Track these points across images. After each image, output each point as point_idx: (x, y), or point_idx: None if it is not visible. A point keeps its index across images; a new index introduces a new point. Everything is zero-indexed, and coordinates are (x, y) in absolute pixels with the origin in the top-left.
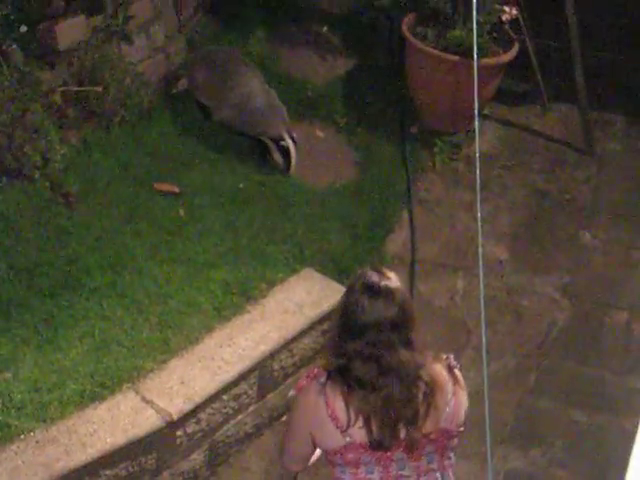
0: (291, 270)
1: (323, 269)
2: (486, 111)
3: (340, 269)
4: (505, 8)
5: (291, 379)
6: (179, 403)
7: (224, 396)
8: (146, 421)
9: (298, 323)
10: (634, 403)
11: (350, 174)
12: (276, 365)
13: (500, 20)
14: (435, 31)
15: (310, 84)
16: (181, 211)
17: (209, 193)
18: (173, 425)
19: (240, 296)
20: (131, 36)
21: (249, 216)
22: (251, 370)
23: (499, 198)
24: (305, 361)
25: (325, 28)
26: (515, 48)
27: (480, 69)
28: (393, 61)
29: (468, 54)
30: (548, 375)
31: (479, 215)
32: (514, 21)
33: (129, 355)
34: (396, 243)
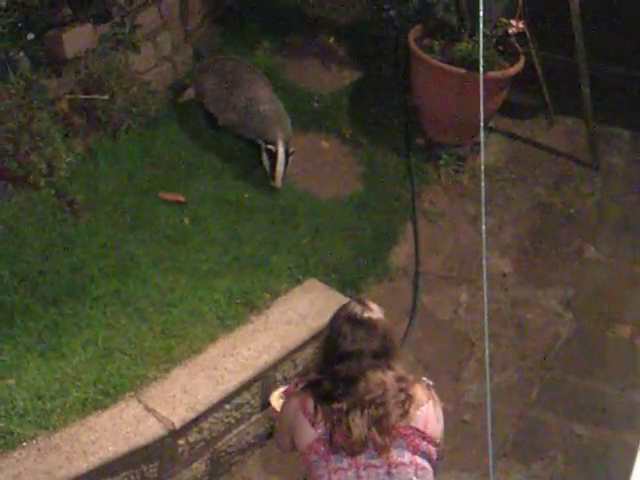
0: (295, 281)
1: (327, 280)
2: (492, 124)
3: (344, 280)
4: (512, 21)
5: None
6: (181, 412)
7: (226, 405)
8: (148, 430)
9: (301, 334)
10: (636, 418)
11: (355, 185)
12: (279, 375)
13: (507, 33)
14: (441, 44)
15: (316, 95)
16: (186, 220)
17: (214, 202)
18: (175, 434)
19: (244, 306)
20: (138, 45)
21: (253, 226)
22: (254, 380)
23: (504, 211)
24: (308, 372)
25: (332, 39)
26: (521, 61)
27: (486, 82)
28: (399, 73)
29: (474, 67)
30: (551, 389)
31: (484, 228)
32: (521, 34)
33: (132, 363)
34: (400, 255)
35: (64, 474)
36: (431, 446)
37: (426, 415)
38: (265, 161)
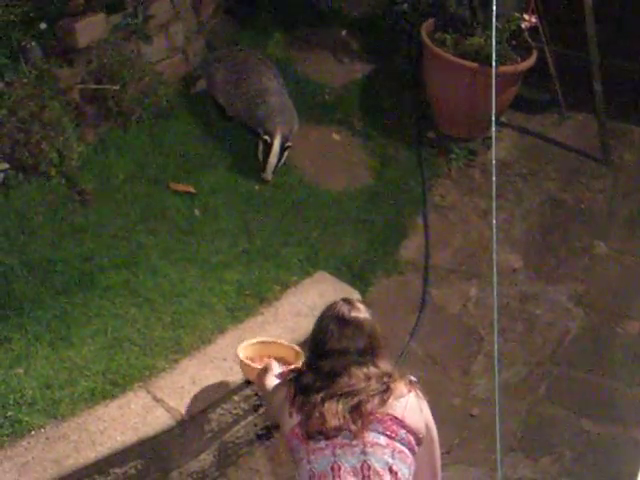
0: (304, 273)
1: (336, 273)
2: (503, 118)
3: (353, 273)
4: (525, 16)
5: None
6: (190, 403)
7: (235, 397)
8: (156, 420)
9: (311, 326)
10: None
11: (365, 178)
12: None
13: (519, 28)
14: (454, 37)
15: (327, 87)
16: (196, 211)
17: (225, 194)
18: (183, 425)
19: (253, 298)
20: (150, 35)
21: (264, 218)
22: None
23: (514, 206)
24: None
25: (344, 32)
26: (534, 56)
27: (498, 76)
28: (411, 66)
29: (486, 61)
30: (559, 384)
31: (494, 222)
32: (533, 29)
33: (141, 354)
34: (410, 249)
35: (72, 463)
36: (411, 436)
37: (405, 405)
38: (260, 151)
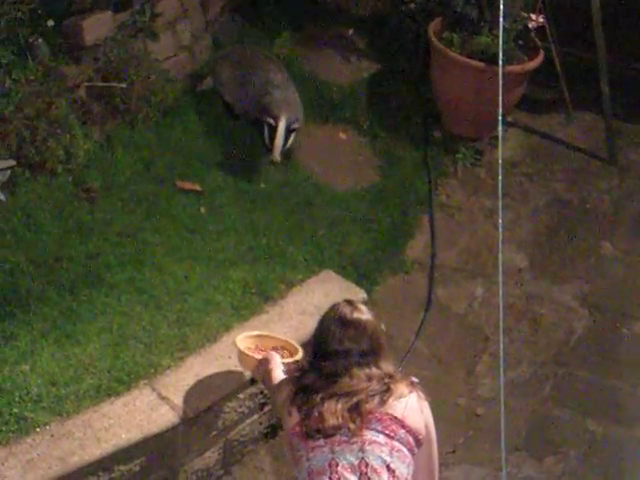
0: (310, 271)
1: (342, 272)
2: (510, 118)
3: (359, 272)
4: (532, 15)
5: None
6: (195, 401)
7: (240, 395)
8: (162, 418)
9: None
10: None
11: (372, 177)
12: (293, 366)
13: (526, 27)
14: (461, 37)
15: (334, 86)
16: (202, 209)
17: (231, 192)
18: (188, 422)
19: (259, 296)
20: (157, 33)
21: (270, 216)
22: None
23: (520, 205)
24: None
25: (351, 31)
26: (540, 56)
27: (505, 76)
28: (418, 65)
29: (493, 60)
30: (564, 384)
31: (500, 222)
32: (540, 29)
33: (146, 351)
34: (416, 248)
35: (77, 460)
36: (410, 436)
37: (405, 405)
38: (265, 135)
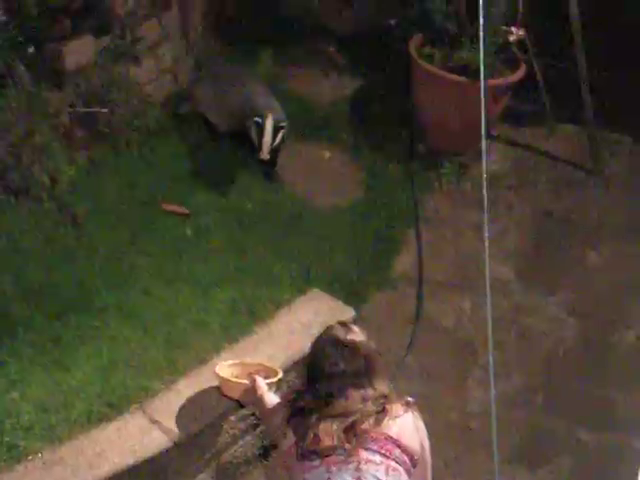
0: (297, 290)
1: (330, 289)
2: (493, 132)
3: (347, 289)
4: (512, 29)
5: None
6: (187, 423)
7: (232, 417)
8: (153, 442)
9: (305, 344)
10: None
11: (357, 194)
12: (284, 386)
13: (507, 41)
14: (442, 52)
15: (317, 104)
16: (188, 231)
17: (216, 213)
18: (180, 446)
19: (248, 316)
20: (139, 57)
21: (256, 236)
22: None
23: (506, 218)
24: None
25: (332, 48)
26: (522, 69)
27: (487, 90)
28: (400, 81)
29: (475, 75)
30: (555, 395)
31: (486, 235)
32: (521, 42)
33: (137, 375)
34: (403, 263)
35: None
36: (406, 456)
37: (401, 425)
38: (253, 134)
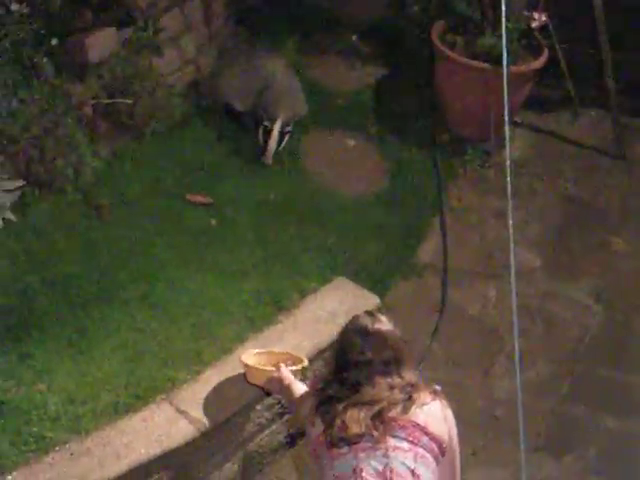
0: (324, 279)
1: (355, 278)
2: (516, 118)
3: (372, 278)
4: (534, 14)
5: None
6: (213, 413)
7: (258, 406)
8: (180, 432)
9: (331, 332)
10: None
11: (381, 182)
12: (310, 374)
13: (529, 27)
14: (464, 39)
15: (341, 93)
16: (213, 221)
17: (240, 203)
18: (207, 435)
19: (273, 306)
20: (162, 48)
21: (281, 225)
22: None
23: (530, 205)
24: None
25: (355, 37)
26: (545, 55)
27: (510, 76)
28: (423, 69)
29: (498, 61)
30: (581, 382)
31: (510, 222)
32: (544, 27)
33: (162, 366)
34: (428, 251)
35: (97, 478)
36: (434, 443)
37: (428, 413)
38: (260, 136)
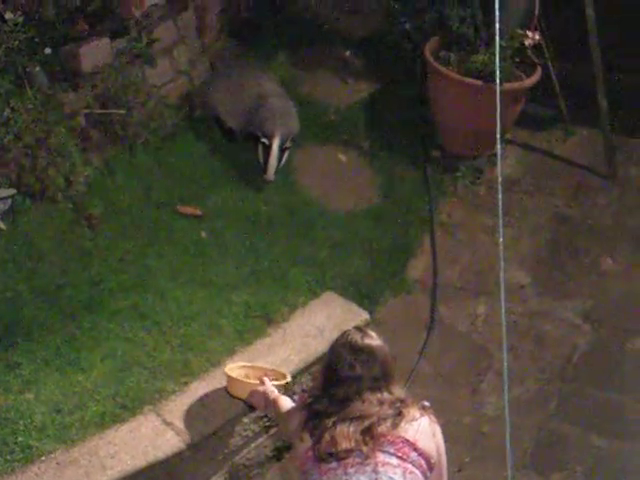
0: (312, 294)
1: (344, 293)
2: (508, 135)
3: (361, 293)
4: (528, 33)
5: None
6: (200, 425)
7: (245, 419)
8: (167, 443)
9: (319, 347)
10: None
11: (372, 198)
12: (297, 388)
13: (523, 45)
14: (458, 56)
15: (333, 108)
16: (203, 233)
17: (231, 216)
18: (194, 448)
19: (261, 319)
20: (155, 59)
21: (271, 239)
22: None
23: (521, 223)
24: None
25: (348, 52)
26: (538, 73)
27: (503, 94)
28: (415, 85)
29: (491, 78)
30: (569, 400)
31: (501, 240)
32: (537, 46)
33: (151, 377)
34: (418, 267)
35: None
36: (422, 459)
37: (417, 429)
38: (260, 154)
